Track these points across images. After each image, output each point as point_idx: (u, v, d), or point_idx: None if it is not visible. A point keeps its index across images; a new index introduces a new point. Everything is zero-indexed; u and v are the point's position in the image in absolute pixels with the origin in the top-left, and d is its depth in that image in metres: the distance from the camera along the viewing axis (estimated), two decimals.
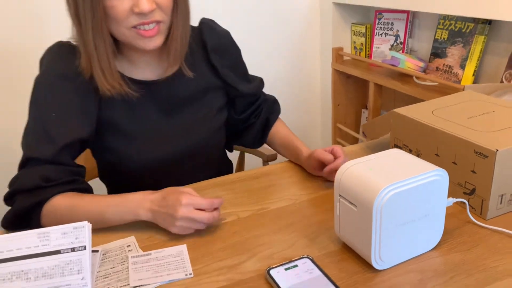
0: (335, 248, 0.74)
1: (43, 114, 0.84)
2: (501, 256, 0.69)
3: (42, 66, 0.89)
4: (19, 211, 0.79)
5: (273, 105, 1.11)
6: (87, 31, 0.80)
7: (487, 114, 0.89)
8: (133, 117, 0.91)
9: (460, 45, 1.60)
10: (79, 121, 0.86)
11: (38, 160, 0.81)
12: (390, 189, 0.63)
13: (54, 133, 0.83)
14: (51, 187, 0.80)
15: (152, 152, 0.93)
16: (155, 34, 0.83)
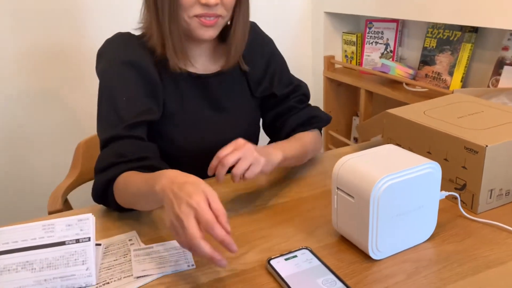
0: (332, 240, 0.76)
1: (113, 100, 0.88)
2: (491, 246, 0.72)
3: (103, 57, 0.93)
4: (96, 190, 0.83)
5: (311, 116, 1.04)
6: (163, 16, 0.86)
7: (476, 114, 0.93)
8: (185, 108, 0.97)
9: (448, 53, 1.65)
10: (149, 104, 0.90)
11: (113, 138, 0.85)
12: (387, 179, 0.66)
13: (126, 113, 0.87)
14: (122, 163, 0.82)
15: (199, 141, 0.98)
16: (214, 24, 0.89)
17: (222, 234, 0.60)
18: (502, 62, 1.45)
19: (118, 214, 0.86)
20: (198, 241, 0.59)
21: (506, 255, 0.70)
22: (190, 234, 0.59)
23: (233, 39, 0.95)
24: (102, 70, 0.92)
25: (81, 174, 1.22)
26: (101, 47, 0.95)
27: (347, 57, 2.14)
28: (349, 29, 2.13)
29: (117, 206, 0.83)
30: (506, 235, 0.75)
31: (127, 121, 0.86)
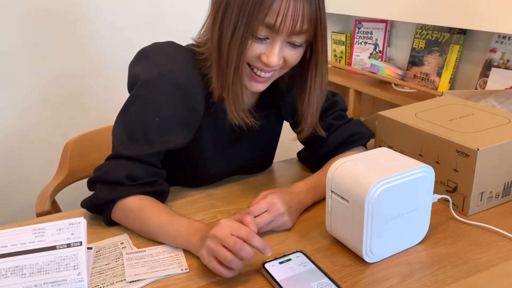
0: (326, 243, 0.76)
1: (146, 115, 0.82)
2: (483, 249, 0.73)
3: (149, 62, 0.84)
4: (95, 201, 0.81)
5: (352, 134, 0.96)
6: (227, 65, 0.77)
7: (467, 117, 0.94)
8: (216, 137, 0.92)
9: (436, 54, 1.67)
10: (179, 133, 0.84)
11: (129, 157, 0.81)
12: (381, 184, 0.66)
13: (153, 137, 0.82)
14: (131, 186, 0.80)
15: (220, 168, 0.96)
16: (265, 81, 0.82)
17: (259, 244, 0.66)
18: (490, 64, 1.47)
19: None
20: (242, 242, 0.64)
21: (496, 258, 0.71)
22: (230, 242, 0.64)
23: (309, 106, 0.86)
24: (145, 78, 0.82)
25: (69, 174, 1.19)
26: (149, 49, 0.86)
27: (336, 57, 2.14)
28: (338, 29, 2.13)
29: (109, 221, 0.82)
30: (496, 237, 0.76)
31: (150, 147, 0.81)
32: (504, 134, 0.84)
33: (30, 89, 1.72)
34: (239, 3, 0.73)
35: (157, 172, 0.84)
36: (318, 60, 0.82)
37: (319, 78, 0.84)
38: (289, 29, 0.74)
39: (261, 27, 0.74)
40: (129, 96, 0.85)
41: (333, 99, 0.99)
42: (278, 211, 0.77)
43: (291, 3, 0.72)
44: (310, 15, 0.74)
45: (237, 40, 0.75)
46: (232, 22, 0.74)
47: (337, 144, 0.96)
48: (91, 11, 1.73)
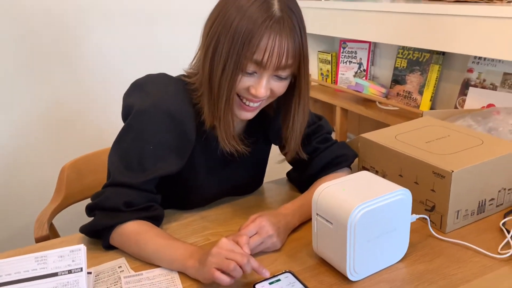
0: (313, 263, 0.81)
1: (140, 144, 0.86)
2: (459, 265, 0.78)
3: (142, 93, 0.89)
4: (94, 227, 0.85)
5: (336, 156, 1.01)
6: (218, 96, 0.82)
7: (443, 138, 1.00)
8: (208, 162, 0.97)
9: (418, 73, 1.74)
10: (173, 159, 0.88)
11: (126, 185, 0.85)
12: (362, 207, 0.71)
13: (148, 165, 0.86)
14: (129, 212, 0.84)
15: (213, 189, 1.01)
16: (253, 110, 0.87)
17: (256, 265, 0.72)
18: (467, 83, 1.54)
19: None
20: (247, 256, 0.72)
21: (471, 273, 0.76)
22: (234, 256, 0.71)
23: (291, 134, 0.92)
24: (139, 109, 0.87)
25: (66, 197, 1.23)
26: (142, 81, 0.91)
27: (322, 75, 2.21)
28: (324, 48, 2.20)
29: (107, 246, 0.86)
30: (472, 253, 0.81)
31: (146, 175, 0.86)
32: (477, 155, 0.90)
33: (26, 113, 1.75)
34: (229, 41, 0.78)
35: (152, 197, 0.89)
36: (301, 91, 0.88)
37: (302, 107, 0.90)
38: (275, 65, 0.80)
39: (250, 63, 0.80)
40: (124, 125, 0.89)
41: (318, 123, 1.05)
42: (267, 233, 0.82)
43: (276, 41, 0.78)
44: (294, 51, 0.81)
45: (227, 76, 0.80)
46: (222, 59, 0.80)
47: (323, 166, 1.01)
48: (85, 38, 1.77)
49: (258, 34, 0.77)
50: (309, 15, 1.97)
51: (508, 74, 1.43)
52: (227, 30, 0.79)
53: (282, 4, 0.79)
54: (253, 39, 0.77)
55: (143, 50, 1.89)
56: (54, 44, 1.73)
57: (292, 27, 0.79)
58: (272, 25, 0.77)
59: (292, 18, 0.79)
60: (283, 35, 0.78)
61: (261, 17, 0.77)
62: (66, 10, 1.72)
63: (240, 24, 0.77)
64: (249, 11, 0.77)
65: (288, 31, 0.79)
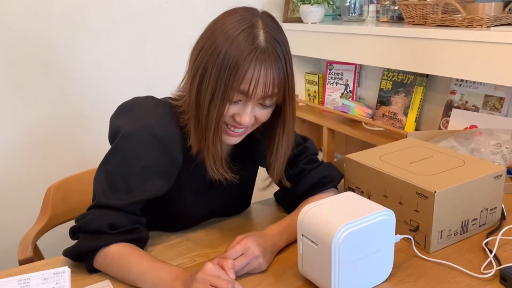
0: (299, 284, 0.81)
1: (126, 166, 0.86)
2: (443, 285, 0.79)
3: (129, 116, 0.89)
4: (77, 250, 0.84)
5: (322, 177, 1.02)
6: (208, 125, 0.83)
7: (426, 159, 1.02)
8: (195, 185, 0.97)
9: (402, 95, 1.77)
10: (159, 181, 0.89)
11: (111, 207, 0.85)
12: (346, 228, 0.72)
13: (134, 187, 0.86)
14: (113, 235, 0.84)
15: (199, 211, 1.01)
16: (239, 136, 0.89)
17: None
18: (450, 104, 1.58)
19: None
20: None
21: None
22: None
23: (275, 161, 0.93)
24: (126, 131, 0.87)
25: (51, 219, 1.22)
26: (129, 104, 0.92)
27: (310, 96, 2.24)
28: (311, 69, 2.24)
29: (91, 269, 0.85)
30: (455, 273, 0.82)
31: (131, 197, 0.86)
32: (459, 176, 0.92)
33: (11, 132, 1.74)
34: (217, 70, 0.80)
35: (137, 220, 0.88)
36: (286, 120, 0.90)
37: (286, 136, 0.92)
38: (260, 95, 0.82)
39: (236, 93, 0.82)
40: (110, 148, 0.90)
41: (304, 145, 1.06)
42: (253, 254, 0.82)
43: (261, 72, 0.80)
44: (279, 81, 0.83)
45: (215, 105, 0.82)
46: (210, 87, 0.81)
47: (310, 187, 1.02)
48: (74, 59, 1.78)
49: (244, 65, 0.79)
50: (296, 37, 2.01)
51: (489, 96, 1.47)
52: (215, 58, 0.80)
53: (268, 35, 0.81)
54: (239, 70, 0.79)
55: (132, 72, 1.90)
56: (41, 63, 1.74)
57: (277, 58, 0.81)
58: (258, 56, 0.79)
59: (277, 49, 0.81)
60: (268, 66, 0.80)
61: (247, 48, 0.79)
62: (55, 29, 1.73)
63: (227, 54, 0.79)
64: (236, 41, 0.79)
65: (273, 62, 0.80)
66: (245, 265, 0.82)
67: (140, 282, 0.80)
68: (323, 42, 1.92)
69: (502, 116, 1.43)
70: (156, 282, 0.78)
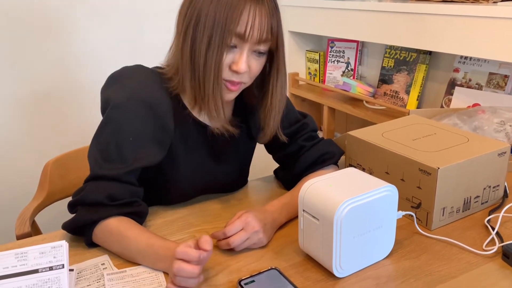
0: (299, 259, 0.80)
1: (119, 136, 0.86)
2: (444, 261, 0.79)
3: (118, 85, 0.89)
4: (76, 223, 0.83)
5: (322, 153, 1.02)
6: (204, 76, 0.83)
7: (429, 136, 1.00)
8: (189, 153, 0.96)
9: (405, 73, 1.75)
10: (153, 149, 0.88)
11: (107, 177, 0.84)
12: (348, 203, 0.71)
13: (128, 156, 0.86)
14: (112, 207, 0.83)
15: (194, 183, 1.00)
16: (235, 90, 0.88)
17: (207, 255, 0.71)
18: (453, 82, 1.55)
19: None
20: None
21: (456, 270, 0.76)
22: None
23: (271, 109, 0.93)
24: (116, 100, 0.87)
25: (49, 195, 1.21)
26: (118, 74, 0.91)
27: (310, 74, 2.21)
28: (312, 47, 2.20)
29: (90, 243, 0.84)
30: (457, 250, 0.82)
31: (126, 165, 0.85)
32: (463, 152, 0.91)
33: (9, 108, 1.72)
34: (212, 16, 0.80)
35: (135, 190, 0.87)
36: (279, 66, 0.91)
37: (280, 83, 0.93)
38: (256, 38, 0.83)
39: (233, 37, 0.82)
40: (102, 119, 0.89)
41: (303, 121, 1.05)
42: (253, 229, 0.81)
43: (256, 15, 0.82)
44: (272, 27, 0.85)
45: (214, 50, 0.81)
46: (206, 34, 0.81)
47: (310, 164, 1.01)
48: (72, 34, 1.75)
49: (239, 7, 0.80)
50: (297, 13, 1.97)
51: (493, 74, 1.45)
52: (209, 4, 0.81)
53: None
54: (235, 11, 0.80)
55: (130, 47, 1.87)
56: (40, 39, 1.70)
57: (270, 2, 0.84)
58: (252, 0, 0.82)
59: None
60: (262, 8, 0.82)
61: None
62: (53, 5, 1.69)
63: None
64: None
65: (266, 6, 0.83)
66: (245, 240, 0.81)
67: (138, 259, 0.79)
68: (324, 18, 1.88)
69: (506, 94, 1.41)
70: (154, 260, 0.77)
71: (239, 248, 0.81)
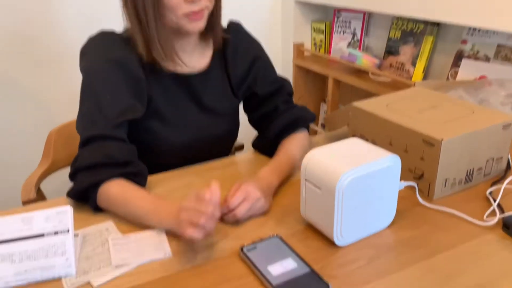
0: (301, 228, 0.81)
1: (97, 97, 0.89)
2: (444, 232, 0.79)
3: (87, 55, 0.94)
4: (79, 188, 0.84)
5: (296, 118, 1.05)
6: (148, 21, 0.87)
7: (434, 108, 0.99)
8: (171, 105, 0.99)
9: (411, 44, 1.72)
10: (133, 103, 0.92)
11: (97, 137, 0.86)
12: (350, 173, 0.71)
13: (111, 113, 0.88)
14: (111, 166, 0.84)
15: (182, 137, 1.02)
16: (201, 18, 0.91)
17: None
18: (461, 54, 1.53)
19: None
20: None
21: (456, 239, 0.77)
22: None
23: (215, 26, 0.98)
24: (86, 67, 0.92)
25: (53, 163, 1.22)
26: (84, 46, 0.95)
27: (316, 45, 2.18)
28: (318, 18, 2.17)
29: (95, 206, 0.85)
30: (458, 220, 0.82)
31: (111, 120, 0.88)
32: (467, 124, 0.90)
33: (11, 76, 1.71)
34: None
35: (129, 148, 0.89)
36: None
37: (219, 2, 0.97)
38: None
39: None
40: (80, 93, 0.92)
41: (281, 83, 1.09)
42: (255, 197, 0.82)
43: None
44: None
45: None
46: None
47: (283, 127, 1.04)
48: None
49: None
50: None
51: (501, 46, 1.42)
52: None
53: None
54: None
55: None
56: None
57: None
58: None
59: None
60: None
61: None
62: None
63: None
64: None
65: None
66: (249, 209, 0.82)
67: (144, 220, 0.80)
68: None
69: None
70: (159, 219, 0.79)
71: (244, 218, 0.82)
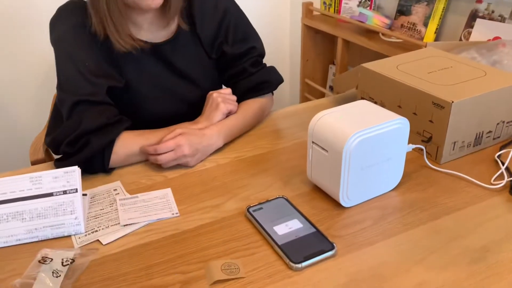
0: (307, 189, 0.81)
1: (76, 64, 0.89)
2: (451, 194, 0.79)
3: (58, 24, 0.93)
4: (92, 151, 0.83)
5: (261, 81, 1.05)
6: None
7: (445, 69, 0.97)
8: (143, 75, 0.98)
9: (424, 4, 1.66)
10: (111, 71, 0.92)
11: (89, 101, 0.87)
12: (358, 135, 0.70)
13: (93, 78, 0.88)
14: (117, 123, 0.87)
15: (161, 105, 1.02)
16: None
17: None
18: (475, 14, 1.48)
19: None
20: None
21: (462, 202, 0.77)
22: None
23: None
24: (58, 37, 0.92)
25: None
26: (53, 16, 0.94)
27: (325, 4, 2.12)
28: None
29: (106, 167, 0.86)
30: (465, 183, 0.82)
31: (102, 87, 0.89)
32: (479, 86, 0.88)
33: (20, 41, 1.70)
34: None
35: (115, 111, 0.90)
36: None
37: None
38: None
39: None
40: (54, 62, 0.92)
41: (252, 45, 1.06)
42: (182, 153, 0.86)
43: None
44: None
45: None
46: None
47: (247, 89, 1.04)
48: None
49: None
50: None
51: None
52: None
53: None
54: None
55: None
56: None
57: None
58: None
59: None
60: None
61: None
62: None
63: None
64: None
65: None
66: (171, 162, 0.86)
67: None
68: None
69: None
70: None
71: (166, 166, 0.86)
